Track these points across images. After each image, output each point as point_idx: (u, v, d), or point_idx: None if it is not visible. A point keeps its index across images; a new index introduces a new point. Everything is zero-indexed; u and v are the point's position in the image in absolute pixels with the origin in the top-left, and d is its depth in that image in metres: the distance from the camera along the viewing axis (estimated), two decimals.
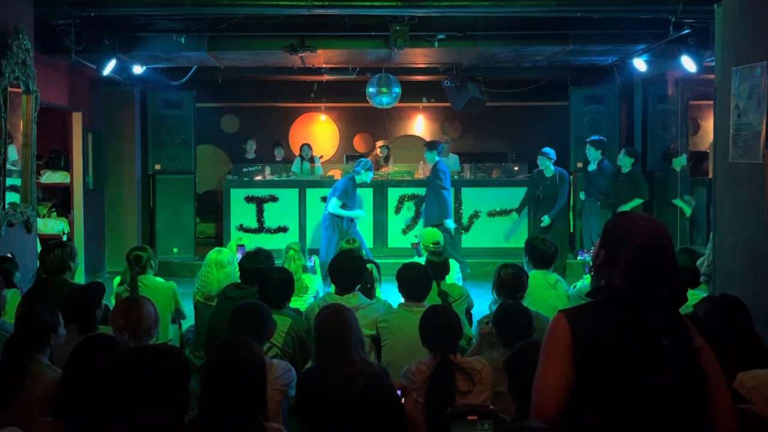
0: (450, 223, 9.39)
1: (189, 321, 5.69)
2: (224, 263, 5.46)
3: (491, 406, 2.99)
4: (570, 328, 2.12)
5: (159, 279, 5.51)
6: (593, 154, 9.30)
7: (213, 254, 5.58)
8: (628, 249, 2.12)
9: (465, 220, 10.60)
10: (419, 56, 9.58)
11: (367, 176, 9.04)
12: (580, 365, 2.09)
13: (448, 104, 11.59)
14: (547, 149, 9.47)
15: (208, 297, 5.32)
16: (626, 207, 9.21)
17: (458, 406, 3.00)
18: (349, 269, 4.61)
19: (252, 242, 8.05)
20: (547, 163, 9.37)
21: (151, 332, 3.68)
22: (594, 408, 2.08)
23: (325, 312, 3.51)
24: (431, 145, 9.80)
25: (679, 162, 9.69)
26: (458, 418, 2.20)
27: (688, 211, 9.56)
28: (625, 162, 9.40)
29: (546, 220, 9.29)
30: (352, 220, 9.00)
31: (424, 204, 9.81)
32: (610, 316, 2.12)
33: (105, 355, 2.72)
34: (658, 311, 2.12)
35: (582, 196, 9.63)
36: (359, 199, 9.45)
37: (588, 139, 9.46)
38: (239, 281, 4.98)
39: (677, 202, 9.52)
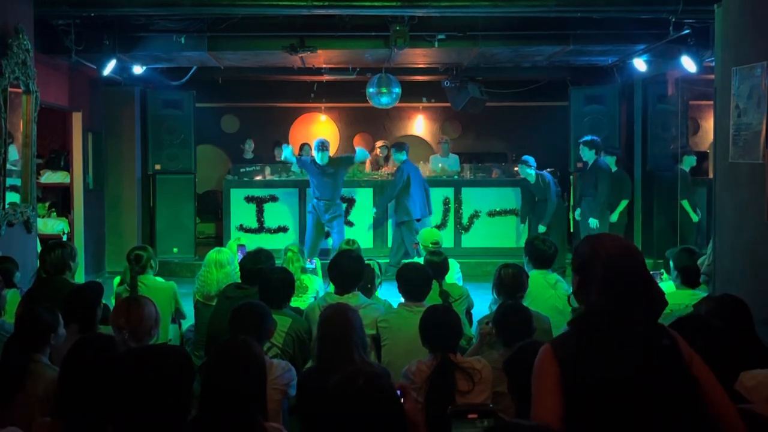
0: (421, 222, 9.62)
1: (189, 321, 5.69)
2: (224, 263, 5.47)
3: (491, 405, 2.99)
4: (556, 359, 2.16)
5: (159, 279, 5.51)
6: (587, 155, 9.30)
7: (212, 254, 5.58)
8: (598, 267, 2.17)
9: (465, 220, 10.60)
10: (419, 56, 9.58)
11: (319, 157, 9.41)
12: (571, 391, 2.12)
13: (448, 104, 11.59)
14: (526, 157, 9.70)
15: (207, 297, 5.32)
16: (616, 212, 9.31)
17: (459, 404, 3.00)
18: (348, 269, 4.61)
19: (252, 242, 8.07)
20: (528, 170, 9.60)
21: (152, 332, 3.68)
22: (590, 422, 2.11)
23: (330, 311, 3.51)
24: (399, 147, 9.91)
25: (689, 162, 9.67)
26: (459, 417, 2.20)
27: (695, 217, 9.54)
28: (610, 162, 9.46)
29: (542, 228, 9.48)
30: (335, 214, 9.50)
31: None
32: (594, 336, 2.16)
33: (101, 355, 2.71)
34: (638, 322, 2.14)
35: (578, 215, 9.57)
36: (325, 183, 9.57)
37: (581, 140, 9.46)
38: (239, 281, 4.98)
39: (685, 203, 9.48)
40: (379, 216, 10.28)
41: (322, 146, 9.46)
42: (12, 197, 6.41)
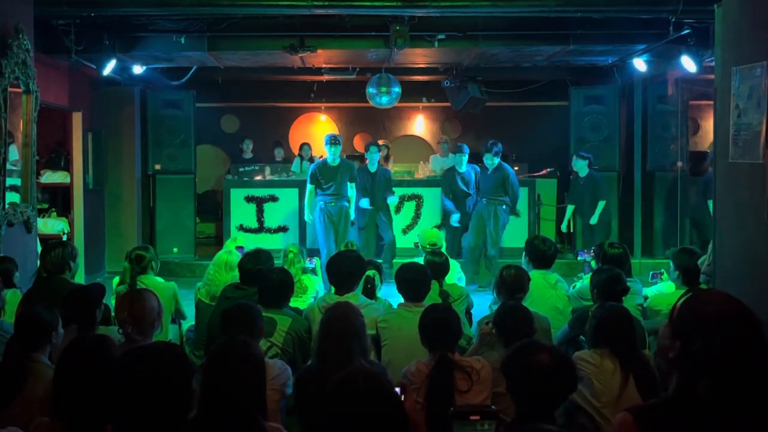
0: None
1: (189, 321, 5.68)
2: (233, 266, 5.42)
3: (493, 407, 2.99)
4: None
5: (159, 279, 5.49)
6: (489, 160, 9.12)
7: (224, 255, 5.56)
8: (710, 344, 1.72)
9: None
10: (419, 56, 9.58)
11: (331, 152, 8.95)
12: None
13: (448, 104, 11.59)
14: (462, 144, 9.71)
15: (213, 297, 5.30)
16: (594, 217, 9.23)
17: (461, 405, 3.00)
18: (345, 270, 4.60)
19: (252, 242, 8.07)
20: (464, 158, 9.49)
21: (155, 325, 3.65)
22: None
23: (334, 311, 3.48)
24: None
25: None
26: (461, 418, 2.19)
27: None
28: (580, 166, 9.39)
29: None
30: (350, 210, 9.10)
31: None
32: (693, 423, 1.74)
33: (95, 356, 2.70)
34: (752, 415, 1.72)
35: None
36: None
37: (489, 144, 9.25)
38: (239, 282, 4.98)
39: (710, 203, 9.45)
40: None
41: (334, 141, 8.97)
42: (12, 197, 6.41)
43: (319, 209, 8.93)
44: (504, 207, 9.20)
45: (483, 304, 6.45)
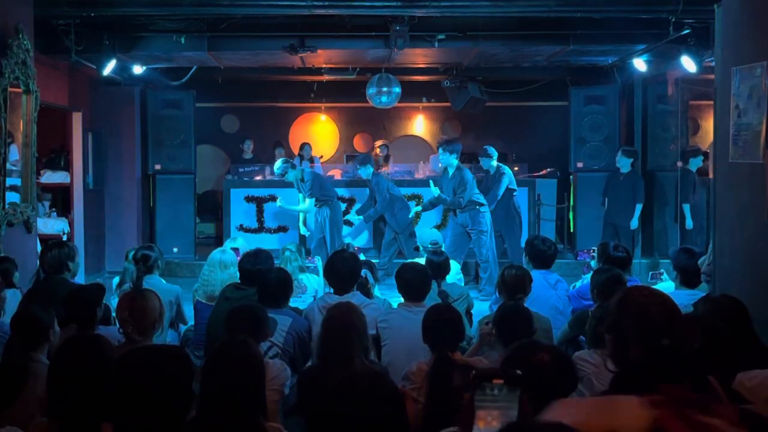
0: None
1: (189, 321, 5.67)
2: (227, 264, 5.43)
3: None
4: None
5: (163, 281, 5.47)
6: (446, 159, 8.69)
7: (217, 254, 5.56)
8: (630, 322, 2.13)
9: None
10: (419, 56, 9.57)
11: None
12: None
13: (448, 104, 11.58)
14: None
15: (210, 297, 5.30)
16: (634, 219, 9.18)
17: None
18: (340, 270, 4.60)
19: (252, 242, 8.06)
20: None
21: (155, 326, 3.66)
22: None
23: (335, 311, 3.49)
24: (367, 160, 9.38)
25: (696, 163, 9.59)
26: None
27: (690, 224, 9.40)
28: (623, 163, 9.37)
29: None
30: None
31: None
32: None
33: (89, 356, 2.70)
34: (677, 378, 2.09)
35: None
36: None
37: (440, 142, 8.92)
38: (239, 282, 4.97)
39: (686, 208, 9.39)
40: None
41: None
42: (12, 197, 6.41)
43: None
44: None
45: (483, 304, 6.46)
